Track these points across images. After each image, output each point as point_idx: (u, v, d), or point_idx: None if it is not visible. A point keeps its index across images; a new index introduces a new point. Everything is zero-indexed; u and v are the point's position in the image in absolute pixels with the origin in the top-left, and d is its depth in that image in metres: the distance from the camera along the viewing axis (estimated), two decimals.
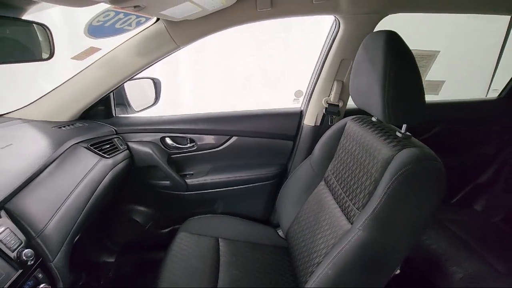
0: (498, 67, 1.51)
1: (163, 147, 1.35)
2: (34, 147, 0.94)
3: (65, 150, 1.00)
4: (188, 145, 1.38)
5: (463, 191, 1.59)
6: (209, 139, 1.37)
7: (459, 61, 1.60)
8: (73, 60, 0.94)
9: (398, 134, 0.85)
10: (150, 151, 1.29)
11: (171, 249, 1.15)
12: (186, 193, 1.39)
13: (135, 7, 0.61)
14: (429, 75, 1.44)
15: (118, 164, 1.18)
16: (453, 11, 1.07)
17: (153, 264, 1.19)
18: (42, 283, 0.69)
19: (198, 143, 1.37)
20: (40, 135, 1.02)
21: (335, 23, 1.14)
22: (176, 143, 1.37)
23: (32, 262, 0.68)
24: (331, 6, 1.00)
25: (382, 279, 0.78)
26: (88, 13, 1.04)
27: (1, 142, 0.90)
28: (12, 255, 0.65)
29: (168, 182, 1.36)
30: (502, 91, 1.48)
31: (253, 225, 1.35)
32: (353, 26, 1.08)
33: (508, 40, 1.49)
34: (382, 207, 0.72)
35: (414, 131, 1.37)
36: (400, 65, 0.76)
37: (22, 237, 0.69)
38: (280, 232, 1.34)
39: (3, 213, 0.69)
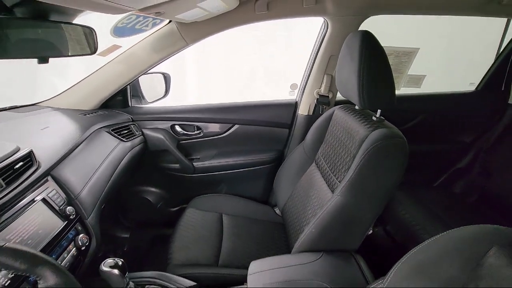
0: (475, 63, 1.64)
1: (173, 133, 1.51)
2: (66, 129, 1.11)
3: (91, 133, 1.17)
4: (195, 132, 1.54)
5: (443, 176, 1.73)
6: (213, 127, 1.53)
7: (445, 57, 1.74)
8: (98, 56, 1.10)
9: (373, 118, 1.00)
10: (162, 137, 1.45)
11: (181, 222, 1.31)
12: (193, 175, 1.55)
13: (156, 13, 0.77)
14: (423, 71, 1.57)
15: (135, 147, 1.35)
16: (427, 13, 1.21)
17: (164, 239, 1.35)
18: (81, 234, 0.86)
19: (204, 130, 1.53)
20: (70, 121, 1.19)
21: (324, 24, 1.29)
22: (185, 130, 1.53)
23: (73, 217, 0.86)
24: (319, 9, 1.16)
25: (358, 236, 0.94)
26: (112, 17, 1.20)
27: (40, 125, 1.07)
28: (59, 209, 0.82)
29: (177, 165, 1.52)
30: (478, 85, 1.62)
31: (253, 204, 1.52)
32: (340, 26, 1.23)
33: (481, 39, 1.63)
34: (356, 176, 0.88)
35: (398, 120, 1.56)
36: (373, 60, 0.91)
37: (65, 197, 0.86)
38: (277, 210, 1.50)
39: (50, 178, 0.86)
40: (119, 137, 1.29)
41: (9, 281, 0.55)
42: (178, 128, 1.52)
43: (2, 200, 0.69)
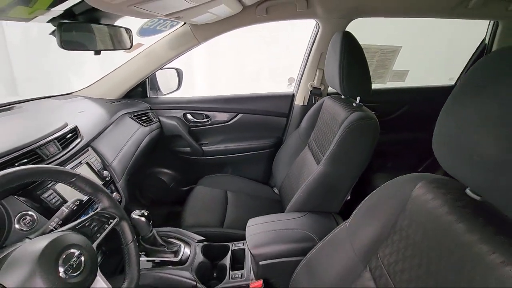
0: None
1: (185, 121, 1.73)
2: (98, 113, 1.34)
3: (117, 118, 1.39)
4: (204, 120, 1.75)
5: (426, 162, 1.90)
6: (220, 116, 1.74)
7: (427, 55, 1.92)
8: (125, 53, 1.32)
9: (354, 104, 1.20)
10: (175, 124, 1.67)
11: (190, 197, 1.52)
12: (202, 158, 1.77)
13: (176, 17, 0.99)
14: (407, 67, 1.75)
15: (152, 131, 1.57)
16: (404, 16, 1.40)
17: (176, 216, 1.56)
18: (114, 192, 1.08)
19: (212, 118, 1.75)
20: (100, 107, 1.41)
21: (316, 25, 1.50)
22: (195, 118, 1.75)
23: (108, 179, 1.08)
24: (310, 13, 1.36)
25: (337, 200, 1.14)
26: (139, 20, 1.42)
27: (78, 109, 1.30)
28: (98, 171, 1.04)
29: (188, 149, 1.74)
30: (457, 80, 1.79)
31: (254, 184, 1.72)
32: (329, 27, 1.43)
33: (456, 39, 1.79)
34: (335, 149, 1.08)
35: (385, 111, 1.76)
36: (351, 55, 1.11)
37: (102, 164, 1.09)
38: (276, 190, 1.70)
39: (90, 148, 1.09)
40: (140, 122, 1.52)
41: (75, 207, 0.77)
42: (189, 116, 1.74)
43: (60, 159, 0.91)
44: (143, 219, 0.95)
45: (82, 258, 0.55)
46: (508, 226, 0.48)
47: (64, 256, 0.53)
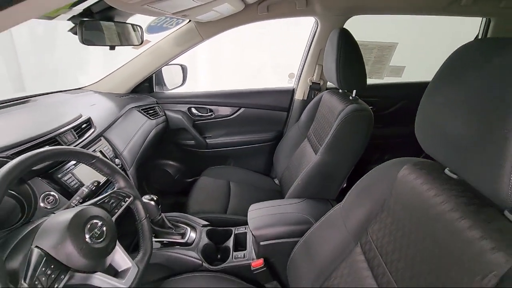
0: None
1: (189, 115, 1.80)
2: (109, 106, 1.42)
3: (126, 111, 1.47)
4: (208, 114, 1.82)
5: (422, 154, 1.96)
6: (223, 110, 1.82)
7: (423, 51, 1.97)
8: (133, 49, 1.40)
9: (350, 97, 1.26)
10: (180, 117, 1.75)
11: (195, 187, 1.60)
12: (206, 150, 1.84)
13: (182, 15, 1.06)
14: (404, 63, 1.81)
15: (159, 125, 1.65)
16: (399, 13, 1.46)
17: (181, 206, 1.63)
18: None
19: (215, 113, 1.82)
20: (110, 101, 1.49)
21: (315, 23, 1.56)
22: (199, 112, 1.82)
23: (119, 166, 1.15)
24: (309, 11, 1.42)
25: (334, 188, 1.21)
26: (147, 18, 1.49)
27: (90, 102, 1.38)
28: (110, 159, 1.12)
29: (193, 141, 1.82)
30: None
31: (256, 175, 1.80)
32: (327, 24, 1.50)
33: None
34: (332, 139, 1.15)
35: (383, 105, 1.81)
36: (347, 51, 1.18)
37: (113, 152, 1.16)
38: (276, 181, 1.78)
39: (102, 138, 1.17)
40: (147, 115, 1.59)
41: (94, 187, 0.85)
42: (194, 110, 1.81)
43: (76, 147, 0.99)
44: (152, 203, 1.03)
45: (104, 228, 0.63)
46: (477, 198, 0.55)
47: (88, 226, 0.61)
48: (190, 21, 1.46)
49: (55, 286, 0.52)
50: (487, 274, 0.46)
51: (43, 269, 0.51)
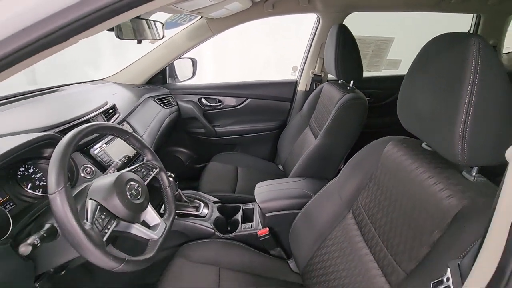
0: None
1: (200, 105, 1.94)
2: (128, 96, 1.56)
3: (143, 100, 1.61)
4: (217, 104, 1.96)
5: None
6: (231, 100, 1.95)
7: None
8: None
9: (348, 87, 1.39)
10: (192, 107, 1.89)
11: (205, 171, 1.74)
12: (215, 138, 1.98)
13: (198, 13, 1.19)
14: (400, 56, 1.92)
15: (172, 113, 1.79)
16: (395, 10, 1.58)
17: (193, 188, 1.77)
18: None
19: (224, 103, 1.95)
20: (128, 91, 1.63)
21: (317, 19, 1.68)
22: (209, 102, 1.96)
23: None
24: (311, 8, 1.55)
25: (332, 168, 1.35)
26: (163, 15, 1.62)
27: (111, 92, 1.52)
28: None
29: (203, 130, 1.96)
30: None
31: (261, 161, 1.93)
32: (328, 20, 1.62)
33: None
34: (330, 124, 1.28)
35: (380, 96, 1.93)
36: (345, 44, 1.30)
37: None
38: (280, 167, 1.91)
39: (125, 123, 1.31)
40: (161, 105, 1.74)
41: (126, 160, 0.99)
42: (204, 100, 1.95)
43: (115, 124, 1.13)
44: (170, 179, 1.17)
45: (139, 189, 0.77)
46: (444, 163, 0.67)
47: (128, 186, 0.75)
48: (202, 17, 1.59)
49: (108, 227, 0.66)
50: (444, 216, 0.59)
51: (98, 214, 0.66)
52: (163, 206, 1.08)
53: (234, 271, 1.04)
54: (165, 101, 1.78)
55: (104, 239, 0.63)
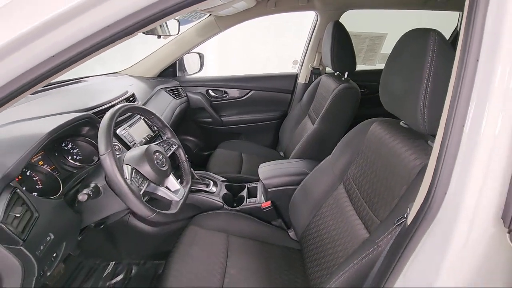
0: None
1: (207, 96, 2.10)
2: (143, 86, 1.72)
3: (157, 91, 1.77)
4: (223, 95, 2.11)
5: None
6: (236, 92, 2.10)
7: None
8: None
9: (343, 78, 1.54)
10: (200, 98, 2.04)
11: (212, 157, 1.90)
12: (221, 127, 2.14)
13: (208, 11, 1.34)
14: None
15: (182, 104, 1.94)
16: (387, 8, 1.72)
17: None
18: None
19: (229, 94, 2.11)
20: (143, 83, 1.79)
21: (315, 16, 1.83)
22: (215, 94, 2.11)
23: (157, 132, 1.45)
24: (310, 6, 1.69)
25: (327, 152, 1.48)
26: None
27: (128, 83, 1.67)
28: (151, 126, 1.42)
29: (210, 119, 2.11)
30: None
31: (264, 149, 2.09)
32: (326, 17, 1.77)
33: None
34: (326, 111, 1.44)
35: (375, 89, 2.06)
36: (339, 39, 1.45)
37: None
38: (281, 153, 2.06)
39: None
40: (172, 95, 1.89)
41: (149, 139, 1.15)
42: (211, 92, 2.10)
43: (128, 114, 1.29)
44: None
45: (164, 159, 0.93)
46: (415, 135, 0.82)
47: (155, 156, 0.91)
48: (210, 15, 1.74)
49: (142, 187, 0.83)
50: (410, 173, 0.74)
51: (134, 175, 0.82)
52: (179, 180, 1.24)
53: (241, 237, 1.20)
54: (175, 92, 1.93)
55: (141, 192, 0.79)
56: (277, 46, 2.90)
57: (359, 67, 1.93)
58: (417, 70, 0.71)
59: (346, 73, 1.52)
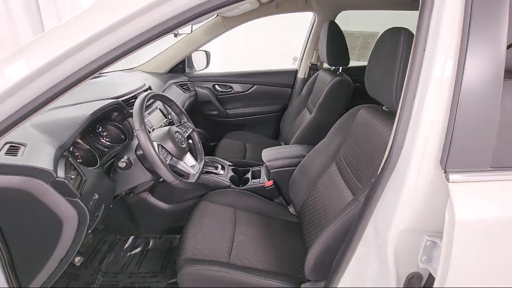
0: None
1: (213, 90, 2.27)
2: (156, 81, 1.89)
3: (168, 85, 1.94)
4: (228, 89, 2.28)
5: None
6: (240, 87, 2.27)
7: None
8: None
9: (337, 73, 1.71)
10: (207, 92, 2.22)
11: (219, 147, 2.06)
12: (226, 119, 2.31)
13: (217, 12, 1.51)
14: None
15: (190, 97, 2.12)
16: (378, 9, 1.88)
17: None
18: None
19: (234, 89, 2.28)
20: (155, 78, 1.96)
21: (313, 16, 2.00)
22: (221, 88, 2.28)
23: (171, 121, 1.63)
24: (308, 7, 1.86)
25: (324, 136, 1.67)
26: None
27: (143, 78, 1.85)
28: (166, 115, 1.59)
29: (216, 112, 2.29)
30: None
31: (266, 139, 2.26)
32: (322, 18, 1.93)
33: None
34: (322, 101, 1.61)
35: None
36: (333, 37, 1.62)
37: (165, 111, 1.64)
38: (282, 143, 2.23)
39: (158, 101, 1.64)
40: (182, 89, 2.06)
41: (167, 123, 1.33)
42: (217, 86, 2.27)
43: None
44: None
45: (182, 138, 1.10)
46: (394, 117, 0.99)
47: (176, 135, 1.08)
48: (217, 15, 1.91)
49: (167, 159, 1.00)
50: (387, 145, 0.91)
51: (160, 149, 0.99)
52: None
53: (246, 211, 1.37)
54: (185, 87, 2.10)
55: (168, 163, 0.97)
56: (279, 44, 3.06)
57: (354, 63, 2.10)
58: (391, 61, 0.87)
59: (340, 68, 1.69)
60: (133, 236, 1.58)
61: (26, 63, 0.61)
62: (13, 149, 0.74)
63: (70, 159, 0.86)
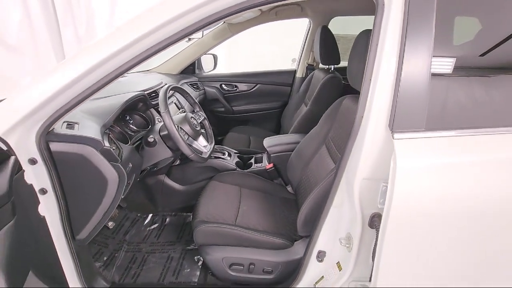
0: None
1: (221, 89, 2.52)
2: (170, 80, 2.14)
3: (181, 84, 2.19)
4: (234, 88, 2.53)
5: None
6: (245, 86, 2.52)
7: None
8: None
9: (330, 71, 1.93)
10: (215, 91, 2.46)
11: (225, 140, 2.30)
12: (232, 115, 2.55)
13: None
14: None
15: (200, 96, 2.36)
16: (367, 14, 2.11)
17: None
18: None
19: (239, 88, 2.52)
20: (170, 78, 2.21)
21: (309, 22, 2.24)
22: (228, 87, 2.53)
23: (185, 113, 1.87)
24: (304, 14, 2.11)
25: None
26: None
27: (158, 78, 2.10)
28: (180, 107, 1.84)
29: (223, 108, 2.53)
30: None
31: (268, 133, 2.48)
32: (317, 23, 2.17)
33: None
34: (315, 96, 1.83)
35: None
36: (325, 39, 1.85)
37: (180, 106, 1.88)
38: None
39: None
40: (193, 88, 2.31)
41: (183, 112, 1.57)
42: (224, 86, 2.52)
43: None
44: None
45: (196, 123, 1.34)
46: None
47: (191, 119, 1.32)
48: (224, 22, 2.16)
49: (185, 137, 1.23)
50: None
51: (179, 129, 1.23)
52: None
53: (250, 189, 1.60)
54: (195, 86, 2.35)
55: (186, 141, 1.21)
56: (282, 47, 3.32)
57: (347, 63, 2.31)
58: (363, 56, 1.10)
59: (332, 66, 1.92)
60: (151, 214, 1.82)
61: (74, 67, 0.84)
62: (70, 126, 0.99)
63: (110, 135, 1.10)
